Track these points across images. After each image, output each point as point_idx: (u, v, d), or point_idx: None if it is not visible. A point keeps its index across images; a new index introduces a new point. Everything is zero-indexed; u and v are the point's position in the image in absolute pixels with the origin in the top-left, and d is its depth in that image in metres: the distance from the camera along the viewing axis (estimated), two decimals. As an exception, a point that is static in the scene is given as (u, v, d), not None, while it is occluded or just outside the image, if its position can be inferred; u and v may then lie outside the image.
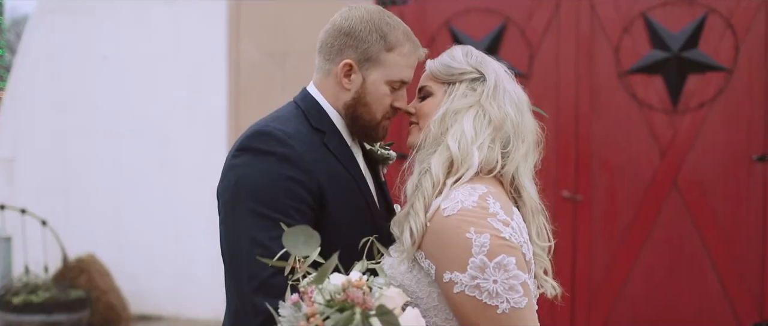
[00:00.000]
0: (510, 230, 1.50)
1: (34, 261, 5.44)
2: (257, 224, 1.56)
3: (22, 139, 6.07)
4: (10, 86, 6.01)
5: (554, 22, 4.78)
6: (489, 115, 1.63)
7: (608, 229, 4.71)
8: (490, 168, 1.61)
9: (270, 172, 1.60)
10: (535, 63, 4.81)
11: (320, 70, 1.80)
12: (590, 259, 4.72)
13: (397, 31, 1.74)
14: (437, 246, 1.50)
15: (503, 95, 1.68)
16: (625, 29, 4.67)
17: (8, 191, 5.87)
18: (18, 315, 4.90)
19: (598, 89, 4.71)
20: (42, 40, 5.98)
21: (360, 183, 1.76)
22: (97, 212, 5.85)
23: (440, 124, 1.65)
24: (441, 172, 1.58)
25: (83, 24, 5.89)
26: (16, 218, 5.55)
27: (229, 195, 1.64)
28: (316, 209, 1.64)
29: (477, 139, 1.61)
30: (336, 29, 1.75)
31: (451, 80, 1.71)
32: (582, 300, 4.72)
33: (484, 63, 1.73)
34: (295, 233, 1.27)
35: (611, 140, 4.70)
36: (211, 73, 5.55)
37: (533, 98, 4.86)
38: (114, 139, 5.80)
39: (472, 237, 1.45)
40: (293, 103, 1.81)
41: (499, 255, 1.45)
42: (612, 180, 4.70)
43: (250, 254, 1.54)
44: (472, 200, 1.50)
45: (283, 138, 1.64)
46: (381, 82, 1.74)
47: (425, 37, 4.95)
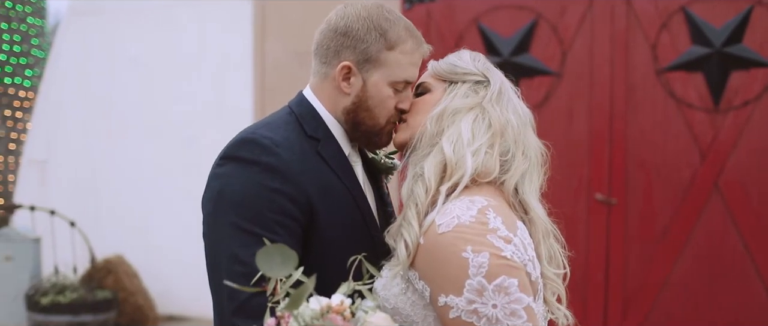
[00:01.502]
0: (512, 248, 1.35)
1: (63, 262, 5.47)
2: (239, 240, 1.46)
3: (54, 140, 6.11)
4: (42, 88, 6.06)
5: (588, 17, 4.60)
6: (489, 119, 1.52)
7: (644, 234, 4.51)
8: (488, 173, 1.47)
9: (253, 184, 1.49)
10: (567, 61, 4.64)
11: (316, 73, 1.68)
12: (625, 265, 4.53)
13: (397, 27, 1.61)
14: (431, 266, 1.37)
15: (507, 102, 1.57)
16: (664, 24, 4.47)
17: (40, 192, 5.92)
18: (45, 315, 4.93)
19: (634, 87, 4.52)
20: (73, 43, 6.02)
21: (356, 196, 1.62)
22: (125, 213, 5.86)
23: (437, 123, 1.53)
24: (433, 178, 1.46)
25: (112, 26, 5.90)
26: (46, 219, 5.57)
27: (211, 208, 1.53)
28: (305, 224, 1.52)
29: (473, 142, 1.48)
30: (331, 29, 1.63)
31: (454, 79, 1.61)
32: (616, 308, 4.53)
33: (491, 70, 1.64)
34: (270, 252, 1.16)
35: (648, 140, 4.51)
36: (237, 74, 5.51)
37: (566, 97, 4.74)
38: (141, 140, 5.80)
39: (469, 257, 1.31)
40: (287, 107, 1.69)
41: (499, 277, 1.31)
42: (648, 183, 4.50)
43: (230, 272, 1.44)
44: (470, 215, 1.36)
45: (269, 146, 1.52)
46: (383, 84, 1.61)
47: (453, 35, 4.82)
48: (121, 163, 5.86)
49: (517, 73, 4.71)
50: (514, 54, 4.75)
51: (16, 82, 8.79)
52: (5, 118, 8.67)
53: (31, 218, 5.56)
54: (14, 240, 5.39)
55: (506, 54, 4.76)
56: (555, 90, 4.67)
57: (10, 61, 8.76)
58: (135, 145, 5.81)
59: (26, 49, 8.90)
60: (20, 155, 7.07)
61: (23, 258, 5.37)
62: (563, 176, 4.59)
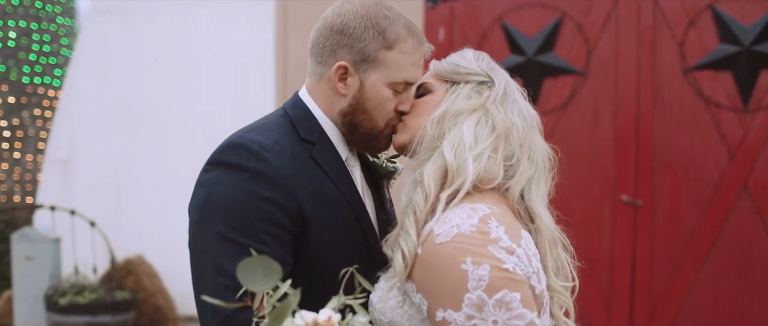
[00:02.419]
0: (515, 259, 1.27)
1: (84, 262, 5.49)
2: (224, 250, 1.38)
3: (76, 139, 6.14)
4: (65, 87, 6.10)
5: (613, 15, 4.52)
6: (493, 121, 1.44)
7: (671, 236, 4.41)
8: (491, 179, 1.39)
9: (241, 190, 1.41)
10: (592, 59, 4.56)
11: (312, 73, 1.60)
12: (651, 268, 4.43)
13: (397, 25, 1.53)
14: (429, 278, 1.29)
15: (512, 104, 1.49)
16: (691, 22, 4.36)
17: (63, 191, 5.95)
18: (64, 315, 4.92)
19: (660, 87, 4.43)
20: (95, 43, 6.05)
21: (353, 202, 1.54)
22: (146, 213, 5.87)
23: (438, 125, 1.45)
24: (433, 184, 1.38)
25: (134, 25, 5.92)
26: (67, 219, 5.61)
27: (197, 216, 1.46)
28: (296, 233, 1.44)
29: (476, 146, 1.40)
30: (327, 27, 1.55)
31: (457, 79, 1.53)
32: (642, 312, 4.44)
33: (496, 70, 1.55)
34: (252, 265, 1.10)
35: (675, 141, 4.41)
36: (259, 72, 5.50)
37: (591, 97, 4.65)
38: (163, 139, 5.81)
39: (469, 269, 1.23)
40: (282, 109, 1.62)
41: (500, 291, 1.22)
42: (675, 184, 4.41)
43: (215, 284, 1.37)
44: (471, 223, 1.28)
45: (258, 151, 1.44)
46: (381, 85, 1.53)
47: (476, 34, 4.77)
48: (142, 163, 5.88)
49: (541, 73, 4.66)
50: (538, 53, 4.68)
51: (46, 82, 8.90)
52: (34, 118, 8.78)
53: (51, 218, 5.59)
54: (34, 240, 5.41)
55: (530, 53, 4.69)
56: (580, 89, 4.59)
57: (40, 60, 8.87)
58: (156, 145, 5.83)
59: (55, 49, 9.00)
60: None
61: (43, 258, 5.38)
62: (588, 177, 4.52)
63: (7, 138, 8.66)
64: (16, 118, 8.69)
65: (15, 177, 8.68)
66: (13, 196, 8.61)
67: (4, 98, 8.62)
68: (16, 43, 8.69)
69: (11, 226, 6.75)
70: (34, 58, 8.82)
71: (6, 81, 8.60)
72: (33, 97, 8.80)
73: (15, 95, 8.67)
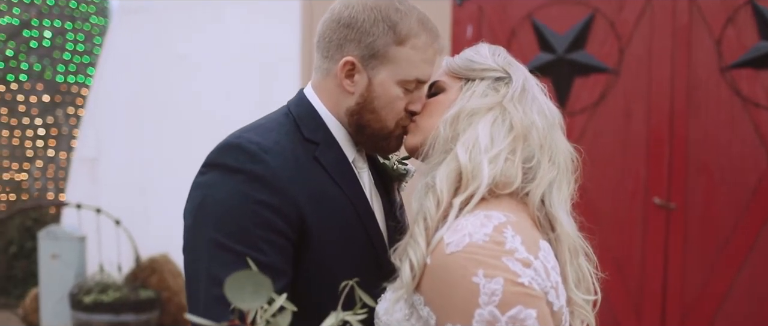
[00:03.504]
0: (531, 272, 1.16)
1: (109, 261, 5.50)
2: (218, 258, 1.29)
3: (104, 138, 6.17)
4: (94, 86, 6.13)
5: (647, 12, 4.38)
6: (510, 121, 1.33)
7: (705, 240, 4.25)
8: (508, 183, 1.28)
9: (237, 195, 1.31)
10: (625, 58, 4.43)
11: (318, 69, 1.50)
12: (684, 273, 4.28)
13: (409, 19, 1.42)
14: (438, 290, 1.18)
15: (531, 102, 1.38)
16: (730, 19, 4.21)
17: (91, 190, 5.97)
18: (88, 314, 4.92)
19: (696, 85, 4.28)
20: (122, 41, 6.07)
21: (359, 207, 1.44)
22: (171, 212, 5.83)
23: (451, 126, 1.34)
24: (446, 189, 1.26)
25: (161, 24, 5.92)
26: (93, 217, 5.63)
27: (191, 221, 1.36)
28: (296, 240, 1.35)
29: (492, 148, 1.29)
30: (334, 20, 1.45)
31: (471, 76, 1.42)
32: (674, 319, 4.29)
33: (514, 65, 1.45)
34: (239, 280, 1.00)
35: (710, 141, 4.25)
36: (286, 70, 5.46)
37: (623, 96, 4.50)
38: (188, 137, 5.79)
39: (480, 282, 1.12)
40: (285, 107, 1.53)
41: (514, 307, 1.12)
42: (710, 186, 4.25)
43: (207, 295, 1.28)
44: (485, 232, 1.17)
45: (256, 152, 1.35)
46: (391, 83, 1.42)
47: (505, 32, 4.66)
48: (168, 161, 5.87)
49: (571, 71, 4.53)
50: (569, 51, 4.55)
51: (80, 81, 8.99)
52: (68, 116, 8.87)
53: (77, 216, 5.60)
54: (60, 239, 5.44)
55: (561, 51, 4.57)
56: (612, 88, 4.46)
57: (74, 59, 8.97)
58: (182, 143, 5.81)
59: (89, 48, 9.09)
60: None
61: (69, 256, 5.40)
62: (620, 179, 4.39)
63: (42, 136, 8.77)
64: (51, 116, 8.79)
65: (49, 174, 8.79)
66: (47, 193, 8.72)
67: (39, 97, 8.73)
68: (52, 42, 8.80)
69: (39, 224, 6.81)
70: (68, 57, 8.92)
71: (41, 80, 8.71)
72: (67, 95, 8.90)
73: (49, 94, 8.78)
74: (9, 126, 8.67)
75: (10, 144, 8.70)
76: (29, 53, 8.71)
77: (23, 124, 8.69)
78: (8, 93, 8.65)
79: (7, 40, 8.62)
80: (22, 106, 8.70)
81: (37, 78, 8.69)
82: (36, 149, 8.75)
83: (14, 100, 8.68)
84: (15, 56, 8.66)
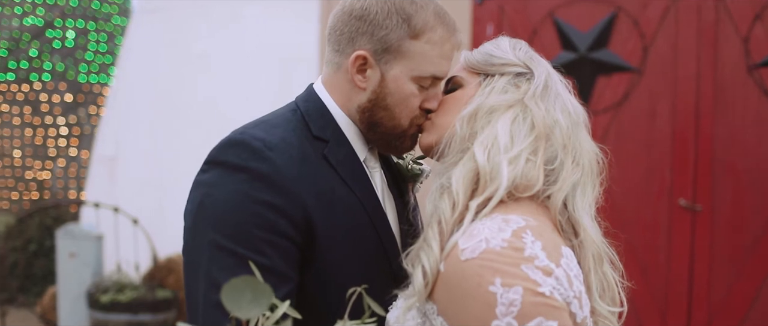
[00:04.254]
0: (553, 282, 1.08)
1: (127, 260, 5.50)
2: (218, 262, 1.22)
3: (123, 137, 6.18)
4: (113, 84, 6.15)
5: (672, 9, 4.28)
6: (532, 119, 1.24)
7: (732, 243, 4.15)
8: (529, 186, 1.20)
9: (239, 194, 1.24)
10: (649, 56, 4.33)
11: (329, 63, 1.42)
12: (711, 277, 4.18)
13: (425, 12, 1.34)
14: (452, 299, 1.10)
15: (554, 99, 1.29)
16: (757, 16, 4.11)
17: (110, 189, 5.98)
18: (105, 313, 4.91)
19: (722, 85, 4.17)
20: (141, 41, 6.08)
21: (370, 209, 1.36)
22: (190, 211, 5.85)
23: (468, 124, 1.26)
24: (462, 190, 1.18)
25: (180, 23, 5.93)
26: (111, 216, 5.63)
27: (191, 222, 1.30)
28: (302, 244, 1.27)
29: (512, 147, 1.21)
30: (346, 12, 1.37)
31: (490, 71, 1.34)
32: (699, 322, 4.19)
33: (535, 60, 1.36)
34: (238, 287, 0.94)
35: (737, 141, 4.15)
36: (304, 69, 5.42)
37: (647, 96, 4.40)
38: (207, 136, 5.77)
39: (498, 292, 1.05)
40: (293, 103, 1.45)
41: (534, 319, 1.04)
42: (737, 187, 4.15)
43: (207, 300, 1.21)
44: (502, 237, 1.09)
45: (260, 149, 1.27)
46: (405, 79, 1.34)
47: (526, 30, 4.58)
48: (186, 161, 5.83)
49: (594, 70, 4.45)
50: (591, 49, 4.47)
51: (102, 81, 9.05)
52: (90, 116, 8.92)
53: (95, 216, 5.61)
54: (78, 237, 5.44)
55: (583, 49, 4.48)
56: (635, 88, 4.37)
57: (96, 59, 9.02)
58: (201, 142, 5.77)
59: (111, 48, 9.14)
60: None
61: (86, 255, 5.40)
62: (644, 180, 4.30)
63: (65, 135, 8.84)
64: (73, 115, 8.85)
65: (71, 173, 8.85)
66: (69, 192, 8.77)
67: (61, 96, 8.79)
68: (74, 42, 8.86)
69: (59, 222, 6.84)
70: (90, 57, 8.98)
71: (64, 79, 8.77)
72: (89, 95, 8.96)
73: (72, 93, 8.84)
74: (32, 125, 8.74)
75: (33, 143, 8.77)
76: (52, 53, 8.78)
77: (46, 124, 8.76)
78: (31, 92, 8.72)
79: (31, 41, 8.69)
80: (45, 105, 8.77)
81: (60, 78, 8.75)
82: (58, 148, 8.82)
83: (37, 100, 8.76)
84: (38, 56, 8.73)
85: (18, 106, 8.73)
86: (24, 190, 8.76)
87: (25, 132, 8.67)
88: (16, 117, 8.64)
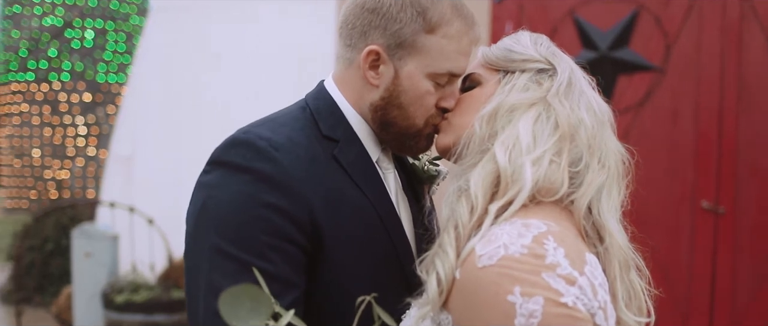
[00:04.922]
0: (576, 291, 1.00)
1: (142, 260, 5.49)
2: (220, 267, 1.15)
3: (139, 136, 6.17)
4: (130, 84, 6.14)
5: (696, 7, 4.19)
6: (555, 118, 1.17)
7: (757, 246, 4.05)
8: (552, 189, 1.13)
9: (242, 196, 1.17)
10: (672, 55, 4.24)
11: (340, 58, 1.34)
12: (734, 281, 4.09)
13: (441, 5, 1.26)
14: (468, 309, 1.03)
15: (578, 97, 1.22)
16: (784, 14, 4.01)
17: (126, 189, 5.97)
18: (120, 313, 4.89)
19: (747, 84, 4.08)
20: (158, 40, 6.07)
21: (383, 213, 1.28)
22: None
23: (488, 123, 1.19)
24: (481, 193, 1.11)
25: (196, 22, 5.90)
26: (127, 216, 5.62)
27: (192, 225, 1.23)
28: (309, 249, 1.20)
29: (535, 148, 1.14)
30: (358, 4, 1.30)
31: (511, 68, 1.27)
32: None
33: (558, 55, 1.29)
34: (236, 296, 0.89)
35: (762, 142, 4.05)
36: (321, 69, 5.37)
37: (669, 95, 4.31)
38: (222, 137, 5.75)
39: (517, 302, 0.98)
40: (302, 100, 1.38)
41: None
42: (762, 189, 4.05)
43: (207, 307, 1.15)
44: (522, 243, 1.02)
45: (266, 149, 1.21)
46: (420, 76, 1.26)
47: (546, 28, 4.51)
48: (203, 161, 5.82)
49: (615, 69, 4.37)
50: (612, 48, 4.39)
51: (120, 81, 9.08)
52: (108, 115, 8.96)
53: (111, 215, 5.60)
54: (93, 237, 5.43)
55: (604, 48, 4.40)
56: (657, 87, 4.28)
57: (115, 59, 9.06)
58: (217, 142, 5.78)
59: (129, 48, 9.19)
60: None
61: (102, 255, 5.39)
62: (666, 182, 4.22)
63: (83, 135, 8.88)
64: (92, 115, 8.89)
65: (89, 172, 8.89)
66: (87, 191, 8.81)
67: (80, 96, 8.83)
68: (93, 42, 8.91)
69: (75, 222, 6.86)
70: (109, 57, 9.03)
71: (83, 79, 8.82)
72: (107, 94, 9.01)
73: (91, 93, 8.88)
74: (51, 125, 8.80)
75: (52, 142, 8.82)
76: (71, 53, 8.83)
77: (65, 123, 8.82)
78: (51, 92, 8.78)
79: (50, 41, 8.74)
80: (64, 105, 8.82)
81: (79, 77, 8.81)
82: (77, 147, 8.87)
83: (56, 100, 8.81)
84: (58, 56, 8.78)
85: (37, 105, 8.79)
86: (43, 190, 8.81)
87: (44, 131, 8.73)
88: (36, 116, 8.70)
